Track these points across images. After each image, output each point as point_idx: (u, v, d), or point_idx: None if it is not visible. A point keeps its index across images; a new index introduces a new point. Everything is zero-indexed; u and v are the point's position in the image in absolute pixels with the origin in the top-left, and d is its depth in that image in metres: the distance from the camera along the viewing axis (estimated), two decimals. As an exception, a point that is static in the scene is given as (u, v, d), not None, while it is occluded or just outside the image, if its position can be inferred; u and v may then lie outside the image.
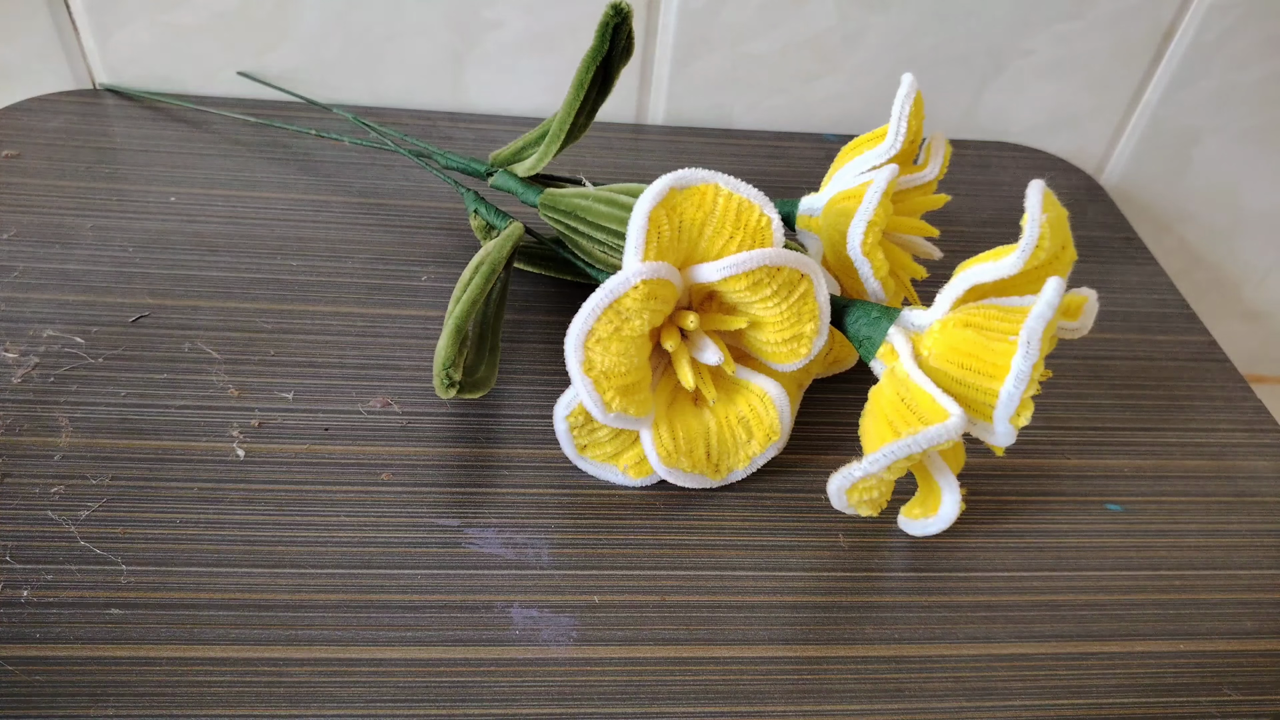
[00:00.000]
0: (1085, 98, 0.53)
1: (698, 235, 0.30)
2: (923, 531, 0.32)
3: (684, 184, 0.30)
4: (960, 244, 0.46)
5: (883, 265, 0.33)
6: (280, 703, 0.26)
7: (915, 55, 0.51)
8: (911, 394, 0.29)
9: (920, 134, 0.36)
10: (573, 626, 0.29)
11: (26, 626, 0.27)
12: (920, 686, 0.29)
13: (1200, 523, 0.35)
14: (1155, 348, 0.42)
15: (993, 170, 0.52)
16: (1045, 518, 0.34)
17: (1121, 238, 0.49)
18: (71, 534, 0.30)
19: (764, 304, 0.31)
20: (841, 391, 0.38)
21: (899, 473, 0.29)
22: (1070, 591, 0.32)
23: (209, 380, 0.35)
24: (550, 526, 0.32)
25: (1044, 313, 0.27)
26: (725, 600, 0.30)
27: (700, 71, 0.51)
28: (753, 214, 0.31)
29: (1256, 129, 0.55)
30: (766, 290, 0.31)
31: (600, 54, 0.34)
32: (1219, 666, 0.30)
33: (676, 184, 0.30)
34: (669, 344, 0.32)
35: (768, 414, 0.33)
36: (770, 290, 0.31)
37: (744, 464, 0.33)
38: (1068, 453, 0.37)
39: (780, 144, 0.52)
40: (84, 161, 0.44)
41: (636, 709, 0.27)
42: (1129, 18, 0.50)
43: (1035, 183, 0.29)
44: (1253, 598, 0.32)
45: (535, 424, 0.35)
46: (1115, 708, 0.29)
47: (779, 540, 0.32)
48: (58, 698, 0.26)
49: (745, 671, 0.29)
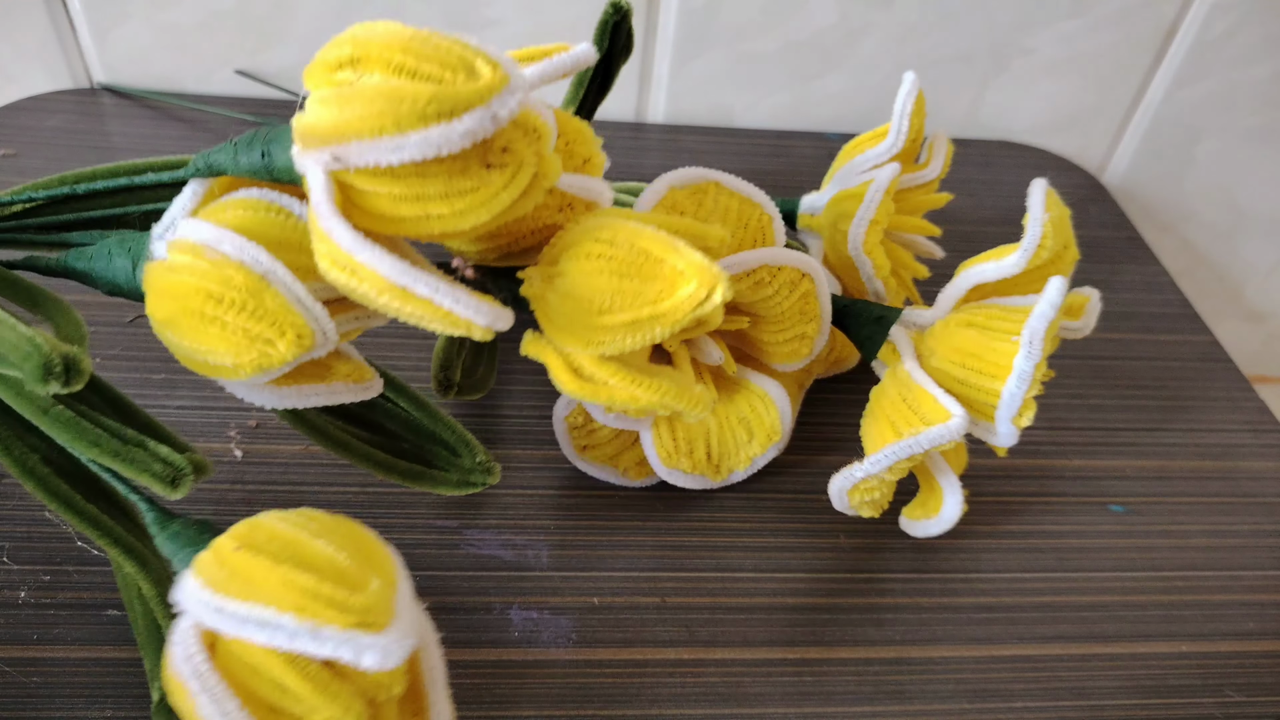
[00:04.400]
0: (1087, 97, 0.53)
1: (698, 234, 0.30)
2: (924, 532, 0.32)
3: (684, 182, 0.30)
4: (962, 243, 0.46)
5: (884, 264, 0.33)
6: (278, 705, 0.26)
7: (917, 54, 0.51)
8: (913, 394, 0.28)
9: (922, 133, 0.36)
10: (573, 628, 0.29)
11: (24, 627, 0.27)
12: (922, 688, 0.29)
13: (1203, 523, 0.35)
14: (1157, 348, 0.42)
15: (995, 169, 0.52)
16: (1047, 518, 0.34)
17: (1123, 237, 0.49)
18: (68, 535, 0.29)
19: (765, 303, 0.31)
20: (843, 392, 0.37)
21: (901, 473, 0.29)
22: (1072, 592, 0.32)
23: (207, 380, 0.34)
24: (550, 527, 0.32)
25: (1046, 312, 0.27)
26: (726, 601, 0.30)
27: (700, 69, 0.51)
28: (753, 212, 0.31)
29: (1259, 128, 0.54)
30: (767, 289, 0.31)
31: (600, 52, 0.34)
32: (1221, 668, 0.30)
33: (676, 182, 0.30)
34: (669, 344, 0.32)
35: (768, 414, 0.33)
36: (771, 289, 0.31)
37: (745, 465, 0.33)
38: (1070, 453, 0.37)
39: (781, 142, 0.52)
40: (82, 160, 0.44)
41: (637, 711, 0.27)
42: (1131, 16, 0.50)
43: (1038, 182, 0.29)
44: (1255, 599, 0.32)
45: (535, 424, 0.35)
46: (1117, 709, 0.29)
47: (780, 541, 0.32)
48: (56, 699, 0.26)
49: (746, 673, 0.28)
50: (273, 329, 0.19)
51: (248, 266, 0.19)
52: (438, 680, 0.20)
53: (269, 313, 0.19)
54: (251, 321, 0.19)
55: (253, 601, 0.18)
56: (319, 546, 0.19)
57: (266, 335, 0.19)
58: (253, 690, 0.18)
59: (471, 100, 0.17)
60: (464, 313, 0.19)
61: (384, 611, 0.18)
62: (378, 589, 0.18)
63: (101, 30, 0.47)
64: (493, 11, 0.48)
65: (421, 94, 0.16)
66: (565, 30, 0.49)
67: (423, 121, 0.17)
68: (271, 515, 0.20)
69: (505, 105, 0.17)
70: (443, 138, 0.17)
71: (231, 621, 0.18)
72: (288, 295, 0.19)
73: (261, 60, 0.49)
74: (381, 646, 0.17)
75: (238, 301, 0.19)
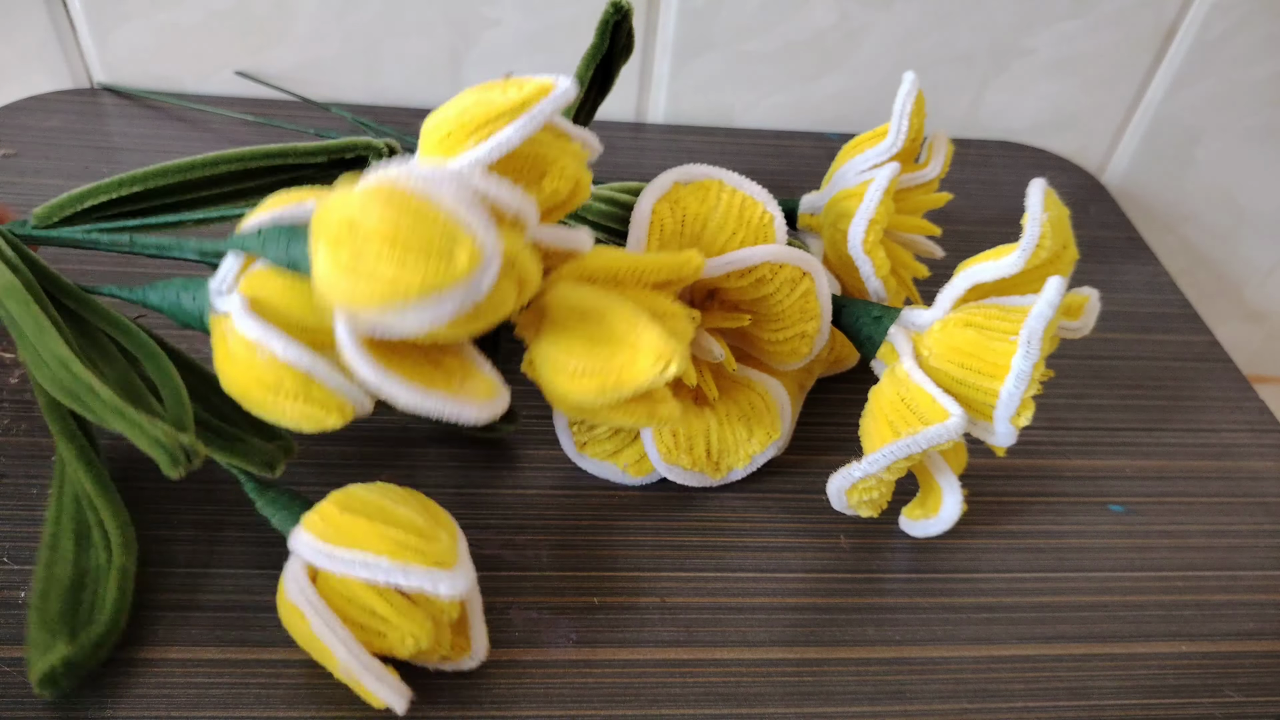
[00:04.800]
0: (1087, 97, 0.53)
1: (700, 231, 0.30)
2: (924, 532, 0.32)
3: (688, 178, 0.30)
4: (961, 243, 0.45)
5: (884, 264, 0.33)
6: (278, 704, 0.26)
7: (917, 54, 0.51)
8: (912, 394, 0.28)
9: (922, 132, 0.36)
10: (572, 628, 0.29)
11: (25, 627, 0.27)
12: (922, 688, 0.29)
13: (1203, 523, 0.35)
14: (1157, 348, 0.42)
15: (994, 169, 0.52)
16: (1047, 518, 0.34)
17: (1123, 237, 0.49)
18: (69, 534, 0.29)
19: (766, 301, 0.31)
20: (842, 391, 0.37)
21: (899, 473, 0.29)
22: (1072, 592, 0.32)
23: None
24: (550, 527, 0.32)
25: (1045, 312, 0.27)
26: (726, 601, 0.30)
27: (700, 69, 0.51)
28: (755, 211, 0.31)
29: (1259, 128, 0.54)
30: (768, 288, 0.31)
31: (600, 52, 0.34)
32: (1221, 667, 0.30)
33: (681, 178, 0.30)
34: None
35: (768, 412, 0.33)
36: (772, 288, 0.31)
37: (744, 462, 0.33)
38: (1069, 453, 0.37)
39: (781, 142, 0.52)
40: (82, 160, 0.44)
41: (637, 711, 0.27)
42: (1131, 16, 0.50)
43: (1037, 182, 0.29)
44: (1255, 598, 0.32)
45: (535, 424, 0.35)
46: (1117, 709, 0.29)
47: (780, 541, 0.32)
48: (57, 698, 0.26)
49: (746, 673, 0.28)
50: (321, 410, 0.24)
51: (294, 367, 0.23)
52: (478, 612, 0.27)
53: (317, 400, 0.24)
54: (304, 405, 0.24)
55: (355, 548, 0.24)
56: (401, 510, 0.25)
57: (317, 415, 0.24)
58: (346, 613, 0.25)
59: (456, 282, 0.21)
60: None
61: (451, 556, 0.25)
62: (446, 540, 0.25)
63: (102, 30, 0.48)
64: (493, 12, 0.48)
65: (413, 284, 0.20)
66: (565, 30, 0.49)
67: (420, 297, 0.21)
68: (358, 486, 0.26)
69: (485, 279, 0.21)
70: (434, 314, 0.21)
71: (340, 564, 0.24)
72: (330, 384, 0.24)
73: (261, 60, 0.49)
74: (451, 580, 0.24)
75: (291, 392, 0.24)
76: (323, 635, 0.24)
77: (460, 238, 0.20)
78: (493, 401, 0.24)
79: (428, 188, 0.21)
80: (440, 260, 0.20)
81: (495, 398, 0.24)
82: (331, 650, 0.24)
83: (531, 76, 0.26)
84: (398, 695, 0.25)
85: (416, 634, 0.25)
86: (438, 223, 0.20)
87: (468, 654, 0.27)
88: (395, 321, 0.21)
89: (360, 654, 0.24)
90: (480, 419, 0.23)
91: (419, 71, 0.50)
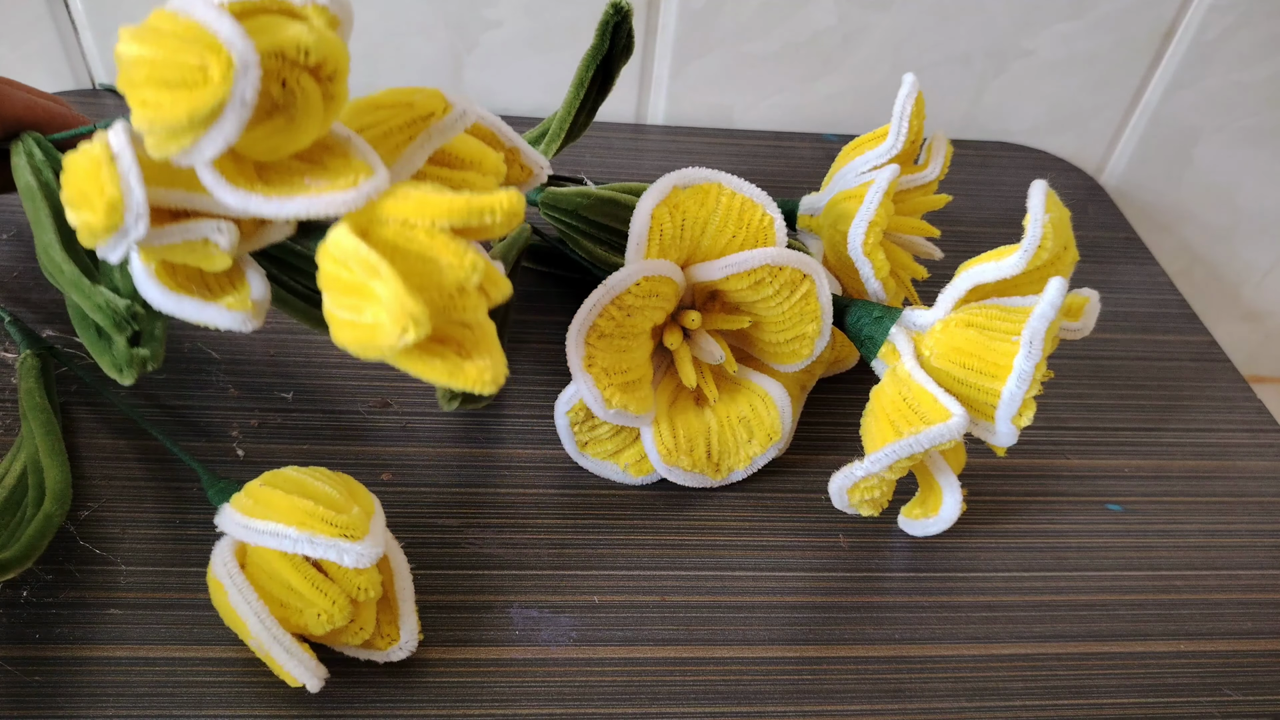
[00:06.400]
0: (1086, 98, 0.53)
1: (700, 233, 0.30)
2: (923, 532, 0.32)
3: (687, 182, 0.30)
4: (961, 244, 0.46)
5: (884, 265, 0.33)
6: (280, 703, 0.26)
7: (916, 55, 0.51)
8: (913, 394, 0.29)
9: (921, 134, 0.36)
10: (572, 627, 0.29)
11: (26, 627, 0.27)
12: (921, 687, 0.29)
13: (1200, 523, 0.35)
14: (1155, 348, 0.42)
15: (993, 170, 0.52)
16: (1046, 518, 0.34)
17: (1121, 238, 0.49)
18: (71, 534, 0.29)
19: (766, 303, 0.31)
20: (843, 391, 0.38)
21: (900, 472, 0.29)
22: (1071, 592, 0.32)
23: (209, 380, 0.35)
24: (550, 526, 0.32)
25: (1046, 313, 0.27)
26: (725, 600, 0.30)
27: (700, 71, 0.51)
28: (755, 213, 0.31)
29: (1257, 129, 0.55)
30: (768, 290, 0.31)
31: (600, 53, 0.34)
32: (1219, 666, 0.30)
33: (680, 182, 0.30)
34: (671, 342, 0.32)
35: (769, 414, 0.33)
36: (772, 290, 0.31)
37: (744, 464, 0.33)
38: (1068, 453, 0.37)
39: (781, 144, 0.52)
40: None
41: (636, 709, 0.27)
42: (1129, 18, 0.50)
43: (1038, 183, 0.29)
44: (1253, 598, 0.32)
45: (535, 424, 0.35)
46: (1115, 708, 0.29)
47: (780, 540, 0.32)
48: (57, 698, 0.26)
49: (745, 672, 0.28)
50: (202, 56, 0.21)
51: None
52: (407, 596, 0.27)
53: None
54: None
55: (268, 519, 0.25)
56: (318, 485, 0.26)
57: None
58: (269, 590, 0.25)
59: (218, 99, 0.19)
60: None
61: (360, 529, 0.25)
62: (358, 514, 0.25)
63: (103, 31, 0.48)
64: (493, 12, 0.48)
65: (180, 115, 0.19)
66: (565, 31, 0.49)
67: (191, 123, 0.20)
68: (291, 468, 0.27)
69: (246, 85, 0.19)
70: (222, 132, 0.20)
71: (253, 534, 0.25)
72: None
73: (262, 61, 0.49)
74: (357, 551, 0.24)
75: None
76: (239, 607, 0.25)
77: (210, 59, 0.19)
78: (372, 179, 0.22)
79: (178, 8, 0.20)
80: (194, 85, 0.19)
81: (374, 175, 0.22)
82: (246, 623, 0.25)
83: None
84: (310, 673, 0.25)
85: (330, 610, 0.25)
86: (185, 47, 0.19)
87: (396, 643, 0.27)
88: (195, 150, 0.20)
89: (273, 627, 0.25)
90: (351, 205, 0.21)
91: (419, 72, 0.50)
